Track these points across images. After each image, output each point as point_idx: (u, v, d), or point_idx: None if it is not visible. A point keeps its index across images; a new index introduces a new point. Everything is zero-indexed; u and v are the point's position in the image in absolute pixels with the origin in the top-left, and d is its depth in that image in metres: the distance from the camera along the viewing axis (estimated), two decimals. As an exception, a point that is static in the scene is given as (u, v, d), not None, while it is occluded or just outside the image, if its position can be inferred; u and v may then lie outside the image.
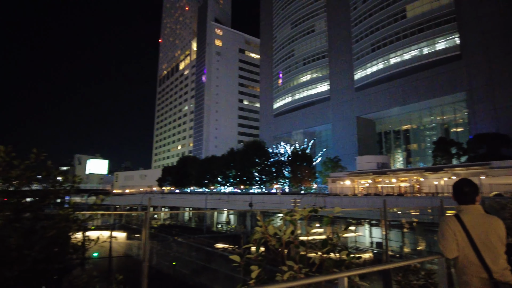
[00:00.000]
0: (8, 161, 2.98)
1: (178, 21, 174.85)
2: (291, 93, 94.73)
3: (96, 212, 3.59)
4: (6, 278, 2.54)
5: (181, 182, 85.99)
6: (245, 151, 67.35)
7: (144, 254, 4.35)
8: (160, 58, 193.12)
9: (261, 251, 3.09)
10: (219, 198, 57.84)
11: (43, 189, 3.20)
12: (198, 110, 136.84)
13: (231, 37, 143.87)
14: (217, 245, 38.39)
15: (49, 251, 2.88)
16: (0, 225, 2.77)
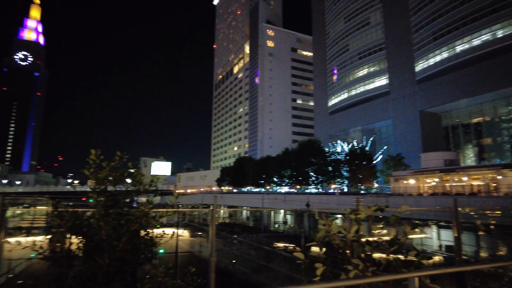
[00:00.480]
0: (98, 163, 3.40)
1: (231, 25, 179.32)
2: (347, 89, 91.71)
3: (171, 209, 3.92)
4: (100, 265, 2.95)
5: (238, 182, 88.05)
6: (300, 151, 66.74)
7: (211, 249, 4.62)
8: (215, 64, 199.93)
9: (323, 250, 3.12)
10: (275, 198, 58.12)
11: (126, 189, 3.59)
12: (252, 112, 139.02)
13: (282, 37, 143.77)
14: (276, 244, 38.60)
15: (133, 243, 3.24)
16: (95, 219, 3.19)
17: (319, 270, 2.90)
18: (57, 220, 3.28)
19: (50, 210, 3.44)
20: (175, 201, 3.93)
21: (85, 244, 3.22)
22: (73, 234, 3.29)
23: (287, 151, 72.53)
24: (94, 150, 3.46)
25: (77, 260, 3.17)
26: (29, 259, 11.84)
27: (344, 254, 3.11)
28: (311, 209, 43.88)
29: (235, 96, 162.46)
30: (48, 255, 3.17)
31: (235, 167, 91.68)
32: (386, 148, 76.98)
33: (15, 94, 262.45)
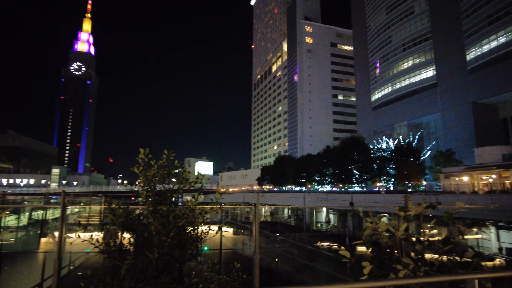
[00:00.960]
0: (147, 162, 3.58)
1: (268, 24, 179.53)
2: (391, 82, 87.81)
3: (215, 206, 4.01)
4: (150, 259, 3.10)
5: (278, 181, 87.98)
6: (342, 148, 65.08)
7: (254, 246, 4.65)
8: (253, 64, 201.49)
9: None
10: (317, 197, 57.26)
11: (173, 186, 3.74)
12: (291, 110, 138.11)
13: (321, 33, 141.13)
14: (319, 244, 38.04)
15: (180, 238, 3.37)
16: (145, 215, 3.36)
17: (367, 269, 2.81)
18: (110, 216, 3.51)
19: (103, 208, 3.68)
20: (219, 197, 4.02)
21: (135, 239, 3.42)
22: (125, 229, 3.51)
23: (329, 148, 71.10)
24: (142, 149, 3.64)
25: (129, 254, 3.38)
26: (87, 252, 12.87)
27: (392, 253, 2.99)
28: (355, 208, 42.68)
29: (274, 95, 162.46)
30: (103, 249, 3.40)
31: (275, 166, 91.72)
32: (435, 143, 72.65)
33: (71, 102, 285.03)
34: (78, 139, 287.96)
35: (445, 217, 2.82)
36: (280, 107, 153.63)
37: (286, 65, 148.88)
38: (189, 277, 3.90)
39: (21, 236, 16.03)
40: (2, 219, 12.82)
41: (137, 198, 3.77)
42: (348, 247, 3.13)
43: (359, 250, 3.54)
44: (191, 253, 4.02)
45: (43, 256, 12.31)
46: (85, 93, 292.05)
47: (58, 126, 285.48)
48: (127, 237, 3.54)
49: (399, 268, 2.83)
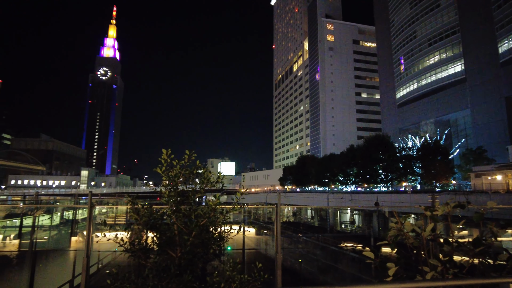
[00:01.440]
0: (169, 162, 3.65)
1: (289, 24, 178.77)
2: (416, 79, 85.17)
3: (236, 205, 4.03)
4: (172, 258, 3.16)
5: (301, 181, 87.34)
6: (366, 147, 63.74)
7: (276, 247, 4.64)
8: (274, 64, 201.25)
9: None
10: (341, 197, 56.39)
11: (195, 187, 3.79)
12: (313, 109, 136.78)
13: (343, 30, 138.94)
14: (343, 245, 37.45)
15: (202, 237, 3.41)
16: (168, 214, 3.42)
17: (392, 270, 2.73)
18: (134, 216, 3.61)
19: (129, 208, 3.79)
20: (240, 197, 4.03)
21: (159, 238, 3.49)
22: (149, 229, 3.59)
23: (353, 148, 69.84)
24: (165, 150, 3.72)
25: (152, 253, 3.45)
26: (114, 251, 13.31)
27: (418, 254, 2.89)
28: (381, 208, 41.71)
29: (296, 94, 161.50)
30: (128, 248, 3.50)
31: (297, 166, 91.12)
32: (464, 141, 69.77)
33: (98, 106, 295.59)
34: (105, 142, 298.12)
35: (475, 217, 2.69)
36: (302, 106, 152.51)
37: (308, 64, 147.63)
38: (211, 276, 3.93)
39: (53, 234, 16.77)
40: (36, 218, 13.45)
41: (161, 198, 3.86)
42: (372, 248, 3.06)
43: (384, 251, 3.44)
44: (214, 252, 4.06)
45: (73, 254, 12.83)
46: (111, 97, 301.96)
47: (86, 130, 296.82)
48: (150, 236, 3.62)
49: (426, 270, 2.73)
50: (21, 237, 13.56)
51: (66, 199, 50.44)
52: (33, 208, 14.16)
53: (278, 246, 4.69)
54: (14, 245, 13.57)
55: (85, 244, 4.34)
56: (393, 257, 2.92)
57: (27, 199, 33.74)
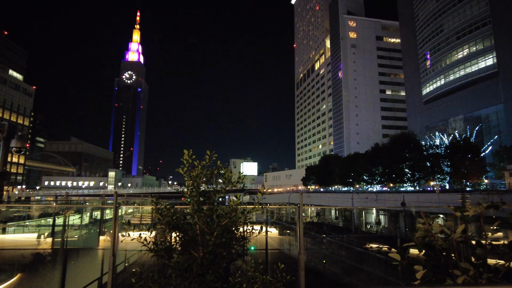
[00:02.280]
0: (191, 163, 3.69)
1: (310, 22, 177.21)
2: (444, 74, 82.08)
3: (258, 206, 4.02)
4: (195, 258, 3.19)
5: (324, 181, 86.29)
6: (391, 146, 62.11)
7: (299, 247, 4.58)
8: (296, 63, 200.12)
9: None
10: (366, 197, 55.27)
11: (216, 188, 3.82)
12: (336, 107, 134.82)
13: (365, 26, 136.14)
14: (369, 246, 36.66)
15: (224, 237, 3.42)
16: (190, 215, 3.46)
17: (419, 273, 2.62)
18: (157, 215, 3.67)
19: (153, 207, 3.86)
20: (261, 197, 4.02)
21: (181, 238, 3.54)
22: (171, 228, 3.65)
23: (378, 146, 68.23)
24: (186, 150, 3.76)
25: (175, 252, 3.50)
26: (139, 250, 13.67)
27: (448, 257, 2.77)
28: (407, 208, 40.52)
29: (318, 93, 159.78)
30: (152, 248, 3.56)
31: (320, 165, 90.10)
32: (497, 138, 66.52)
33: (124, 109, 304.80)
34: (131, 144, 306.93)
35: (511, 218, 2.54)
36: (325, 105, 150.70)
37: (330, 62, 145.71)
38: (233, 276, 3.94)
39: (83, 233, 17.40)
40: (67, 218, 14.00)
41: (185, 198, 3.91)
42: (399, 250, 2.96)
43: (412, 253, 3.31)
44: (237, 252, 4.06)
45: (101, 252, 13.28)
46: (136, 100, 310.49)
47: (113, 132, 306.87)
48: (173, 236, 3.68)
49: (457, 274, 2.61)
50: (53, 236, 14.21)
51: (94, 200, 52.31)
52: (64, 208, 14.78)
53: (301, 247, 4.63)
54: (48, 243, 14.22)
55: (111, 243, 4.47)
56: (420, 259, 2.82)
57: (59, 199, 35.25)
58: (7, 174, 9.80)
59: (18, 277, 10.69)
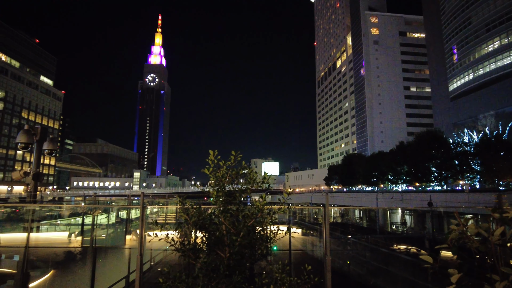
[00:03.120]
0: (216, 163, 3.71)
1: (331, 19, 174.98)
2: (472, 68, 78.82)
3: (284, 206, 3.99)
4: (221, 258, 3.20)
5: (347, 181, 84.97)
6: (417, 144, 60.28)
7: (325, 249, 4.51)
8: (316, 61, 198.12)
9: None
10: (391, 197, 53.94)
11: (241, 188, 3.82)
12: (359, 106, 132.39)
13: (388, 22, 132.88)
14: (395, 246, 35.72)
15: (250, 238, 3.41)
16: (216, 214, 3.48)
17: (454, 277, 2.51)
18: (184, 215, 3.71)
19: (179, 208, 3.91)
20: (287, 198, 3.98)
21: (207, 238, 3.56)
22: (198, 229, 3.67)
23: (403, 145, 66.45)
24: (212, 151, 3.79)
25: (202, 252, 3.53)
26: (165, 250, 13.97)
27: (484, 260, 2.64)
28: (435, 209, 39.21)
29: (340, 91, 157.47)
30: (178, 248, 3.60)
31: (343, 165, 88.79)
32: (533, 134, 63.22)
33: (147, 111, 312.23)
34: (155, 145, 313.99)
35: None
36: (347, 103, 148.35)
37: (352, 59, 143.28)
38: (260, 276, 3.92)
39: (110, 232, 17.94)
40: (95, 217, 14.48)
41: (209, 198, 3.95)
42: (429, 251, 2.83)
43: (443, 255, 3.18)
44: (261, 253, 4.05)
45: (128, 251, 13.65)
46: (159, 102, 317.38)
47: (137, 133, 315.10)
48: (200, 236, 3.71)
49: (495, 279, 2.48)
50: (83, 234, 14.75)
51: (120, 199, 53.88)
52: (92, 208, 15.31)
53: (327, 248, 4.56)
54: (78, 241, 14.79)
55: (138, 243, 4.57)
56: (453, 262, 2.70)
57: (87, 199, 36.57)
58: (41, 175, 10.25)
59: (52, 274, 11.16)
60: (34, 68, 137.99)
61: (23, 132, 9.68)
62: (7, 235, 13.11)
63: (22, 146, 9.74)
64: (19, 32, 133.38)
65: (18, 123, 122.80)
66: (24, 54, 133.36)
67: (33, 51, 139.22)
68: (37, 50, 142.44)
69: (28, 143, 9.74)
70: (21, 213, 14.29)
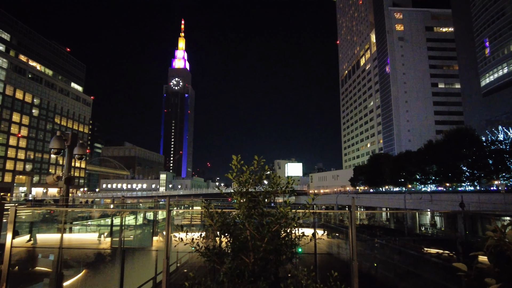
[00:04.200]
0: (239, 168, 3.71)
1: (353, 17, 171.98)
2: (507, 62, 74.93)
3: (309, 211, 3.92)
4: (246, 264, 3.18)
5: (374, 181, 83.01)
6: (447, 142, 57.94)
7: (352, 253, 4.39)
8: (339, 60, 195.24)
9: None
10: (420, 197, 52.14)
11: (265, 191, 3.79)
12: (385, 104, 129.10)
13: (413, 17, 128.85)
14: (426, 250, 34.47)
15: (275, 244, 3.37)
16: (240, 219, 3.47)
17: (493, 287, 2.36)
18: (209, 220, 3.72)
19: (203, 210, 3.94)
20: (312, 201, 3.92)
21: (232, 243, 3.55)
22: (222, 233, 3.68)
23: (431, 143, 64.12)
24: (235, 155, 3.78)
25: (226, 257, 3.52)
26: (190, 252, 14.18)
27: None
28: (467, 210, 37.53)
29: (364, 90, 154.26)
30: (204, 252, 3.62)
31: (369, 165, 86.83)
32: None
33: (172, 114, 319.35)
34: (180, 147, 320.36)
35: None
36: (372, 101, 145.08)
37: (376, 56, 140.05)
38: (284, 281, 3.87)
39: (138, 234, 18.41)
40: (123, 219, 14.90)
41: (232, 199, 3.96)
42: (461, 256, 2.68)
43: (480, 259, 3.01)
44: (287, 257, 4.00)
45: (155, 253, 13.97)
46: (184, 106, 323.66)
47: (163, 136, 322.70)
48: (224, 241, 3.71)
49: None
50: (112, 236, 15.23)
51: (147, 201, 55.32)
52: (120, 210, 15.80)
53: (353, 252, 4.44)
54: (107, 242, 15.26)
55: (165, 246, 4.64)
56: (490, 271, 2.55)
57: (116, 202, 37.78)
58: (72, 179, 10.66)
59: (84, 273, 11.59)
60: (65, 75, 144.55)
61: (56, 138, 10.13)
62: (43, 235, 13.75)
63: (55, 151, 10.19)
64: (52, 42, 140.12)
65: (51, 128, 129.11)
66: (56, 63, 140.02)
67: (64, 60, 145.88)
68: (68, 58, 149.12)
69: (60, 148, 10.17)
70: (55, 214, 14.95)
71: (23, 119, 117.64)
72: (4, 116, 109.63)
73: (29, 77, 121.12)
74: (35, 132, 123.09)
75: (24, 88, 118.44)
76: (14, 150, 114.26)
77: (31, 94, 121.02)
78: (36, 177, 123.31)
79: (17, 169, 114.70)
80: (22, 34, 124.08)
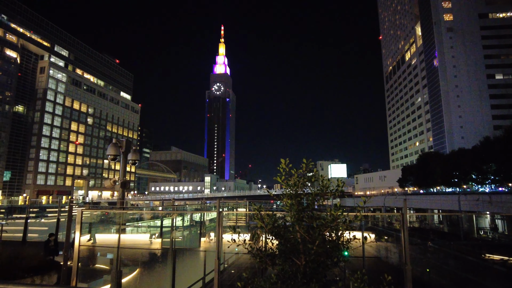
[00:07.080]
0: (288, 171, 3.76)
1: (396, 10, 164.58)
2: None
3: (360, 214, 3.87)
4: (298, 266, 3.22)
5: (424, 182, 78.53)
6: (507, 138, 53.28)
7: (404, 257, 4.24)
8: (383, 55, 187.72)
9: None
10: (477, 198, 48.38)
11: (313, 193, 3.81)
12: (433, 100, 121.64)
13: (464, 5, 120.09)
14: (487, 256, 31.85)
15: (325, 246, 3.37)
16: (290, 222, 3.52)
17: None
18: (260, 223, 3.81)
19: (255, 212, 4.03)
20: (363, 205, 3.85)
21: (282, 245, 3.60)
22: (272, 235, 3.74)
23: (489, 140, 59.33)
24: (283, 159, 3.85)
25: (277, 259, 3.58)
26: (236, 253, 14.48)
27: None
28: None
29: (411, 86, 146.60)
30: (256, 253, 3.71)
31: (418, 165, 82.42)
32: None
33: (215, 118, 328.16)
34: (223, 150, 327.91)
35: None
36: (420, 98, 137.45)
37: (422, 50, 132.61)
38: (334, 284, 3.85)
39: (186, 235, 19.15)
40: (173, 220, 15.59)
41: (275, 201, 4.00)
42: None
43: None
44: (337, 260, 3.97)
45: (203, 253, 14.45)
46: (226, 110, 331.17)
47: (207, 140, 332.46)
48: (275, 243, 3.77)
49: None
50: (162, 236, 15.98)
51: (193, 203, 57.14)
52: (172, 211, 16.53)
53: (406, 256, 4.28)
54: (158, 243, 16.03)
55: (216, 247, 4.82)
56: None
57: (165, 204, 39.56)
58: (127, 183, 11.38)
59: (138, 272, 12.31)
60: (115, 85, 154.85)
61: (112, 145, 10.91)
62: (100, 235, 14.83)
63: (112, 157, 10.96)
64: (104, 55, 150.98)
65: (104, 136, 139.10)
66: (107, 74, 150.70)
67: (114, 71, 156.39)
68: (118, 69, 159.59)
69: (116, 154, 10.94)
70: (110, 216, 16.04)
71: (80, 127, 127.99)
72: (64, 125, 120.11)
73: (84, 88, 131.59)
74: (90, 140, 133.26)
75: (80, 99, 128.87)
76: (73, 156, 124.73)
77: (86, 104, 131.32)
78: (92, 181, 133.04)
79: (75, 174, 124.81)
80: (77, 50, 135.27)
